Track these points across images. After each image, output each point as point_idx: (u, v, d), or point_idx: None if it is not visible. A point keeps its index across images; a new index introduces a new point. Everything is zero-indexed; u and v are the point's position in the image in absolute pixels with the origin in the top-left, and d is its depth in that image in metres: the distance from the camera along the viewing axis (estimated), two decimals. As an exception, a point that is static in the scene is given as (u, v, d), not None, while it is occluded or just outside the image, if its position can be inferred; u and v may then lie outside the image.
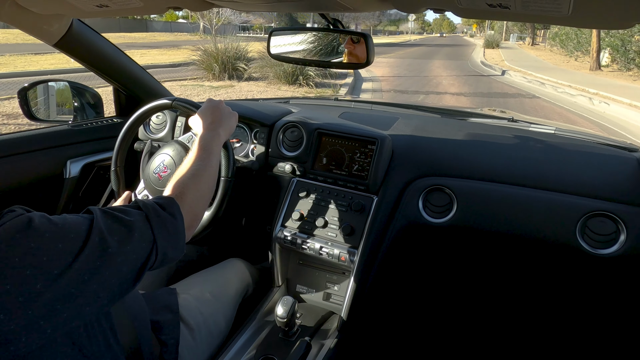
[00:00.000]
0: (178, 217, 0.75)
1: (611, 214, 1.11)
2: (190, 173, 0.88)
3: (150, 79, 1.68)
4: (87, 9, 1.02)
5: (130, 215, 0.68)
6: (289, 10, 1.05)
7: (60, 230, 0.58)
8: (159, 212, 0.72)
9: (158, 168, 1.18)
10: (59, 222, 0.59)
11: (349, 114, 1.65)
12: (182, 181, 0.86)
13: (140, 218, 0.69)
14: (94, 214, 0.64)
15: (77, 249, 0.58)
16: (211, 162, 0.93)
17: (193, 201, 0.84)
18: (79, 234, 0.60)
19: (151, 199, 0.76)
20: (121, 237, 0.64)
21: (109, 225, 0.64)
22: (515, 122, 1.66)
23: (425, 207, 1.28)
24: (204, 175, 0.89)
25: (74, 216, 0.63)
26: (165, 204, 0.75)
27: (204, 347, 1.08)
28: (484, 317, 1.61)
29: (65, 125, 1.52)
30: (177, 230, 0.74)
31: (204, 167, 0.90)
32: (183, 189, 0.84)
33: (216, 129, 1.02)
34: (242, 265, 1.38)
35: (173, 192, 0.83)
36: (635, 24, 0.68)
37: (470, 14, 0.80)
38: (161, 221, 0.71)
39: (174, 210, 0.75)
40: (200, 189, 0.87)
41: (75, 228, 0.60)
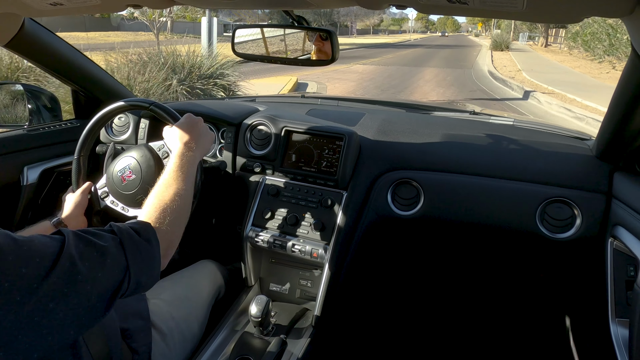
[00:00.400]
0: (154, 243, 0.73)
1: (567, 199, 1.17)
2: (168, 197, 0.85)
3: (110, 79, 1.63)
4: (39, 7, 0.98)
5: (103, 239, 0.65)
6: (251, 7, 1.04)
7: (26, 253, 0.54)
8: (133, 238, 0.69)
9: (123, 171, 1.15)
10: (25, 243, 0.55)
11: (316, 111, 1.66)
12: (159, 205, 0.83)
13: (114, 243, 0.66)
14: (66, 236, 0.60)
15: (44, 274, 0.54)
16: (187, 185, 0.91)
17: (170, 227, 0.81)
18: (45, 258, 0.55)
19: (127, 224, 0.73)
20: (93, 263, 0.60)
21: (81, 249, 0.60)
22: (476, 115, 1.72)
23: (394, 201, 1.30)
24: (181, 199, 0.87)
25: (42, 237, 0.59)
26: (141, 229, 0.73)
27: (177, 352, 1.06)
28: (454, 303, 1.67)
29: (21, 130, 1.45)
30: (152, 256, 0.72)
31: (181, 191, 0.88)
32: (160, 214, 0.81)
33: (193, 149, 0.98)
34: (213, 267, 1.37)
35: (149, 216, 0.80)
36: (585, 17, 0.72)
37: (431, 10, 0.82)
38: (136, 247, 0.68)
39: (149, 235, 0.73)
40: (178, 213, 0.84)
41: (42, 251, 0.56)
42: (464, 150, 1.36)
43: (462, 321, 1.69)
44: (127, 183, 1.14)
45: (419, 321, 1.72)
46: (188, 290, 1.19)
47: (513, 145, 1.38)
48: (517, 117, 1.69)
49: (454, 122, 1.58)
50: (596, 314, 1.13)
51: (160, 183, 0.89)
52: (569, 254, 1.23)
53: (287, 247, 1.29)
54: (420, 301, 1.69)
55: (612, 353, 0.98)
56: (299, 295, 1.38)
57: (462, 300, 1.65)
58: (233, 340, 1.16)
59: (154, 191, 0.87)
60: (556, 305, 1.51)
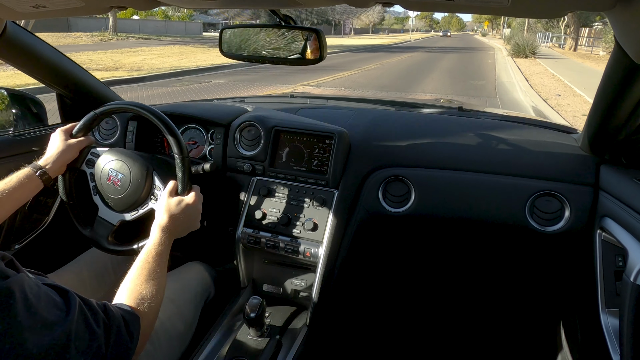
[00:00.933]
0: (134, 340, 0.74)
1: (555, 192, 1.19)
2: (152, 287, 0.85)
3: (97, 82, 1.61)
4: (22, 10, 0.96)
5: (98, 324, 0.66)
6: (237, 6, 1.04)
7: (32, 318, 0.55)
8: (121, 332, 0.71)
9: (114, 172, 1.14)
10: (33, 303, 0.56)
11: (305, 110, 1.66)
12: (143, 297, 0.83)
13: (104, 334, 0.67)
14: (71, 309, 0.62)
15: (41, 349, 0.55)
16: (164, 275, 0.92)
17: (149, 324, 0.82)
18: (45, 327, 0.57)
19: (119, 310, 0.74)
20: (80, 346, 0.62)
21: (78, 328, 0.62)
22: (464, 111, 1.73)
23: (385, 198, 1.31)
24: (161, 292, 0.88)
25: (50, 300, 0.60)
26: (130, 322, 0.74)
27: (163, 351, 1.06)
28: (447, 300, 1.68)
29: (6, 135, 1.43)
30: (128, 353, 0.72)
31: (162, 284, 0.89)
32: (146, 309, 0.81)
33: (174, 233, 1.00)
34: (201, 268, 1.36)
35: (136, 305, 0.81)
36: (567, 12, 0.73)
37: (417, 7, 0.83)
38: (118, 341, 0.70)
39: (133, 330, 0.74)
40: (157, 308, 0.86)
41: (48, 320, 0.57)
42: (453, 146, 1.37)
43: (455, 317, 1.70)
44: (109, 185, 1.14)
45: (412, 318, 1.72)
46: (174, 291, 1.18)
47: (501, 140, 1.39)
48: (505, 112, 1.71)
49: (442, 119, 1.59)
50: (586, 305, 1.15)
51: (141, 265, 0.89)
52: (558, 246, 1.24)
53: (279, 247, 1.29)
54: (413, 298, 1.70)
55: (603, 342, 0.99)
56: (292, 295, 1.38)
57: (454, 296, 1.66)
58: (228, 341, 1.15)
59: (136, 276, 0.87)
60: (547, 297, 1.53)
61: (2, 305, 0.51)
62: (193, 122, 1.49)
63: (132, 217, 1.14)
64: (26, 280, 0.57)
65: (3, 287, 0.52)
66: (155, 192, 1.14)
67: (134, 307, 0.79)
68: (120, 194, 1.13)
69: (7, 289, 0.53)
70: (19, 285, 0.55)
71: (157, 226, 0.98)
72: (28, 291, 0.56)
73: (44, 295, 0.59)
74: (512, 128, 1.51)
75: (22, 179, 1.02)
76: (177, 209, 1.02)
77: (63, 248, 1.43)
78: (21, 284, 0.55)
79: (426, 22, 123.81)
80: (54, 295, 0.62)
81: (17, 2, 0.90)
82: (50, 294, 0.61)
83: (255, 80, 11.10)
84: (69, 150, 1.13)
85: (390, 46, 33.02)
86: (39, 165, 1.06)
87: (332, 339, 1.51)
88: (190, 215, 1.05)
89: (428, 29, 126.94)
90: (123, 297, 0.82)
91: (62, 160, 1.11)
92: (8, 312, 0.52)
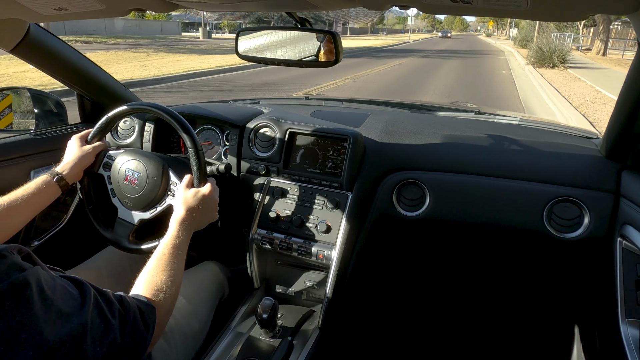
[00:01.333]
0: (150, 330, 0.74)
1: (574, 198, 1.16)
2: (167, 279, 0.86)
3: (116, 83, 1.64)
4: (44, 13, 0.99)
5: (113, 315, 0.67)
6: (255, 10, 1.04)
7: (48, 310, 0.56)
8: (137, 322, 0.71)
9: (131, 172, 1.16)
10: (48, 294, 0.56)
11: (320, 112, 1.66)
12: (159, 288, 0.84)
13: (120, 324, 0.68)
14: (87, 300, 0.63)
15: (57, 338, 0.56)
16: (182, 267, 0.93)
17: (165, 315, 0.83)
18: (61, 317, 0.57)
19: (135, 301, 0.75)
20: (96, 337, 0.62)
21: (93, 319, 0.63)
22: (481, 115, 1.71)
23: (399, 201, 1.30)
24: (177, 283, 0.89)
25: (66, 292, 0.61)
26: (146, 312, 0.75)
27: (178, 350, 1.07)
28: (461, 304, 1.66)
29: (27, 134, 1.46)
30: (144, 344, 0.73)
31: (179, 275, 0.90)
32: (161, 300, 0.82)
33: (193, 225, 1.01)
34: (216, 268, 1.37)
35: (152, 296, 0.81)
36: (589, 15, 0.72)
37: (434, 10, 0.82)
38: (134, 331, 0.70)
39: (150, 321, 0.75)
40: (173, 299, 0.86)
41: (63, 311, 0.58)
42: (469, 150, 1.36)
43: (470, 323, 1.68)
44: (127, 184, 1.15)
45: (425, 322, 1.71)
46: (189, 290, 1.20)
47: (519, 145, 1.37)
48: (523, 116, 1.68)
49: (459, 122, 1.57)
50: (605, 315, 1.12)
51: (158, 256, 0.90)
52: (577, 253, 1.21)
53: (292, 249, 1.29)
54: (426, 302, 1.68)
55: (623, 354, 0.96)
56: (305, 297, 1.38)
57: (469, 301, 1.64)
58: (240, 342, 1.16)
59: (154, 267, 0.88)
60: (564, 306, 1.49)
61: (19, 297, 0.52)
62: (209, 123, 1.51)
63: (151, 215, 1.16)
64: (42, 272, 0.58)
65: (19, 279, 0.53)
66: (172, 187, 1.15)
67: (149, 298, 0.80)
68: (138, 193, 1.15)
69: (23, 280, 0.53)
70: (34, 277, 0.56)
71: (174, 220, 1.00)
72: (44, 283, 0.57)
73: (59, 286, 0.60)
74: (530, 132, 1.49)
75: (40, 185, 1.04)
76: (193, 200, 1.03)
77: (81, 245, 1.46)
78: (37, 276, 0.56)
79: (428, 22, 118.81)
80: (69, 287, 0.63)
81: (41, 5, 0.92)
82: (65, 286, 0.62)
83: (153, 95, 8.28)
84: (85, 156, 1.15)
85: (381, 49, 27.82)
86: (57, 172, 1.09)
87: (344, 342, 1.50)
88: (208, 206, 1.06)
89: (430, 29, 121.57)
90: (139, 289, 0.83)
91: (79, 166, 1.14)
92: (24, 304, 0.53)
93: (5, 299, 0.51)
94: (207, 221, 1.09)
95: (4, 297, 0.51)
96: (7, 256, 0.54)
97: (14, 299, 0.51)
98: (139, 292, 0.82)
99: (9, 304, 0.51)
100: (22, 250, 0.59)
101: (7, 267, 0.53)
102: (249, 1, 0.92)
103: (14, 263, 0.54)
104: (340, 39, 1.06)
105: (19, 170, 1.39)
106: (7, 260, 0.54)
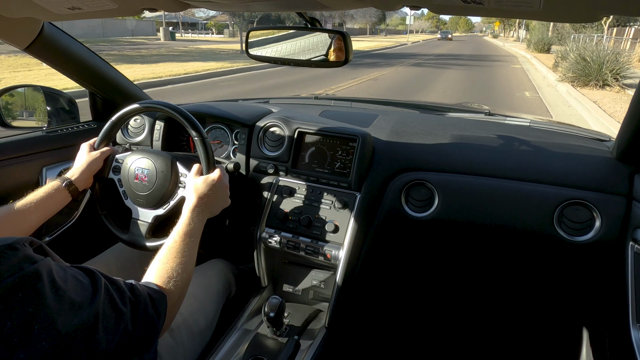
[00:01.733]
0: (162, 317, 0.75)
1: (586, 201, 1.15)
2: (178, 266, 0.87)
3: (126, 81, 1.66)
4: (58, 12, 1.00)
5: (124, 303, 0.68)
6: (266, 10, 1.05)
7: (60, 300, 0.56)
8: (148, 310, 0.72)
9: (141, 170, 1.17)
10: (60, 285, 0.57)
11: (329, 112, 1.66)
12: (170, 275, 0.84)
13: (131, 312, 0.69)
14: (98, 290, 0.63)
15: (69, 329, 0.56)
16: (194, 255, 0.94)
17: (176, 302, 0.84)
18: (73, 308, 0.58)
19: (146, 288, 0.76)
20: (108, 326, 0.63)
21: (105, 308, 0.63)
22: (491, 116, 1.69)
23: (407, 202, 1.29)
24: (189, 270, 0.89)
25: (78, 282, 0.61)
26: (157, 300, 0.76)
27: (185, 347, 1.08)
28: (469, 306, 1.65)
29: (40, 131, 1.48)
30: (156, 331, 0.73)
31: (191, 263, 0.91)
32: (172, 287, 0.83)
33: (204, 210, 1.03)
34: (223, 266, 1.38)
35: (163, 284, 0.82)
36: (603, 16, 0.71)
37: (445, 11, 0.82)
38: (145, 319, 0.71)
39: (161, 309, 0.75)
40: (184, 286, 0.87)
41: (75, 301, 0.58)
42: (479, 151, 1.35)
43: (477, 325, 1.67)
44: (137, 183, 1.17)
45: (432, 323, 1.70)
46: (196, 287, 1.21)
47: (530, 146, 1.35)
48: (534, 117, 1.67)
49: (469, 123, 1.56)
50: (616, 319, 1.11)
51: (170, 243, 0.91)
52: (587, 257, 1.20)
53: (300, 248, 1.29)
54: (433, 303, 1.67)
55: (633, 359, 0.95)
56: (312, 296, 1.38)
57: (477, 303, 1.63)
58: (246, 340, 1.16)
59: (166, 254, 0.89)
60: (574, 310, 1.48)
61: (31, 289, 0.53)
62: (218, 122, 1.51)
63: (165, 210, 1.17)
64: (53, 263, 0.59)
65: (31, 271, 0.54)
66: (182, 179, 1.16)
67: (160, 286, 0.81)
68: (149, 189, 1.16)
69: (34, 272, 0.54)
70: (46, 269, 0.56)
71: (186, 208, 1.01)
72: (55, 274, 0.57)
73: (70, 277, 0.61)
74: (541, 134, 1.47)
75: (50, 190, 1.06)
76: (204, 187, 1.04)
77: (92, 241, 1.48)
78: (48, 267, 0.57)
79: (432, 23, 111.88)
80: (80, 277, 0.63)
81: (55, 4, 0.93)
82: (77, 276, 0.62)
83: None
84: (93, 162, 1.17)
85: (369, 53, 23.61)
86: (67, 178, 1.11)
87: (351, 341, 1.50)
88: (218, 191, 1.07)
89: (434, 30, 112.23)
90: (151, 276, 0.84)
91: (88, 172, 1.16)
92: (37, 295, 0.53)
93: (18, 290, 0.51)
94: (220, 207, 1.10)
95: (16, 289, 0.51)
96: (19, 248, 0.55)
97: (26, 290, 0.52)
98: (150, 280, 0.83)
99: (21, 296, 0.51)
100: (33, 242, 0.59)
101: (19, 260, 0.54)
102: (259, 1, 0.92)
103: (25, 255, 0.55)
104: (351, 39, 1.06)
105: (32, 167, 1.41)
106: (19, 252, 0.54)
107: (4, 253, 0.52)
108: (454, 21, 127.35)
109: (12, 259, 0.53)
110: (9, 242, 0.54)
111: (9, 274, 0.51)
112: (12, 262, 0.53)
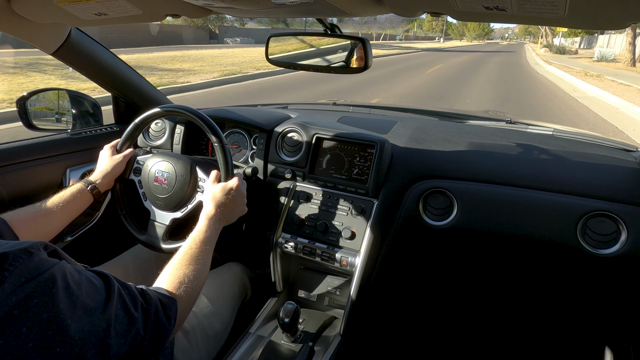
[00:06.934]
0: (172, 322, 0.76)
1: (611, 213, 1.11)
2: (190, 272, 0.87)
3: (149, 86, 1.69)
4: (85, 18, 1.03)
5: (136, 308, 0.68)
6: (286, 16, 1.05)
7: (74, 306, 0.57)
8: (159, 315, 0.73)
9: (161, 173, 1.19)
10: (74, 290, 0.58)
11: (347, 118, 1.65)
12: (181, 280, 0.85)
13: (142, 317, 0.69)
14: (112, 295, 0.64)
15: (82, 334, 0.57)
16: (208, 262, 0.94)
17: (186, 307, 0.84)
18: (86, 312, 0.58)
19: (156, 293, 0.77)
20: (120, 330, 0.63)
21: (118, 313, 0.64)
22: (513, 124, 1.66)
23: (425, 210, 1.28)
24: (201, 277, 0.90)
25: (92, 285, 0.62)
26: (168, 305, 0.76)
27: (199, 349, 1.08)
28: (486, 317, 1.61)
29: (65, 133, 1.52)
30: (166, 335, 0.74)
31: (204, 270, 0.92)
32: (182, 292, 0.83)
33: (222, 220, 1.04)
34: (239, 270, 1.38)
35: (173, 289, 0.83)
36: (631, 23, 0.69)
37: (467, 17, 0.81)
38: (157, 324, 0.72)
39: (171, 313, 0.76)
40: (195, 292, 0.88)
41: (89, 306, 0.59)
42: (500, 160, 1.32)
43: (496, 337, 1.63)
44: (157, 185, 1.18)
45: (449, 333, 1.67)
46: (212, 290, 1.22)
47: (552, 156, 1.32)
48: (557, 126, 1.63)
49: (489, 131, 1.53)
50: None
51: (186, 249, 0.92)
52: (612, 270, 1.16)
53: (316, 254, 1.29)
54: (450, 313, 1.64)
55: None
56: (327, 302, 1.37)
57: (495, 315, 1.59)
58: (261, 345, 1.16)
59: (180, 258, 0.90)
60: (596, 324, 1.43)
61: (46, 294, 0.53)
62: (237, 127, 1.53)
63: (183, 214, 1.18)
64: (67, 267, 0.59)
65: (46, 277, 0.54)
66: (200, 184, 1.17)
67: (170, 291, 0.82)
68: (168, 192, 1.17)
69: (49, 277, 0.54)
70: (61, 273, 0.57)
71: (203, 215, 1.02)
72: (69, 278, 0.58)
73: (85, 280, 0.61)
74: (564, 143, 1.44)
75: (75, 193, 1.09)
76: (221, 195, 1.05)
77: (111, 242, 1.50)
78: (63, 271, 0.57)
79: (438, 27, 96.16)
80: (94, 280, 0.64)
81: (82, 10, 0.96)
82: (91, 279, 0.63)
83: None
84: (116, 165, 1.20)
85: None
86: (90, 181, 1.14)
87: (366, 349, 1.49)
88: (236, 199, 1.07)
89: (440, 35, 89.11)
90: (163, 281, 0.85)
91: (111, 175, 1.19)
92: (51, 301, 0.54)
93: (33, 296, 0.52)
94: (237, 215, 1.10)
95: (31, 295, 0.52)
96: (33, 253, 0.55)
97: (41, 296, 0.53)
98: (161, 285, 0.83)
99: (36, 302, 0.52)
100: (48, 246, 0.60)
101: (35, 264, 0.54)
102: (280, 8, 0.93)
103: (40, 260, 0.55)
104: (370, 46, 1.06)
105: (56, 168, 1.44)
106: (34, 257, 0.55)
107: (19, 257, 0.53)
108: (462, 23, 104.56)
109: (27, 263, 0.53)
110: (24, 247, 0.54)
111: (25, 280, 0.52)
112: (28, 267, 0.53)
